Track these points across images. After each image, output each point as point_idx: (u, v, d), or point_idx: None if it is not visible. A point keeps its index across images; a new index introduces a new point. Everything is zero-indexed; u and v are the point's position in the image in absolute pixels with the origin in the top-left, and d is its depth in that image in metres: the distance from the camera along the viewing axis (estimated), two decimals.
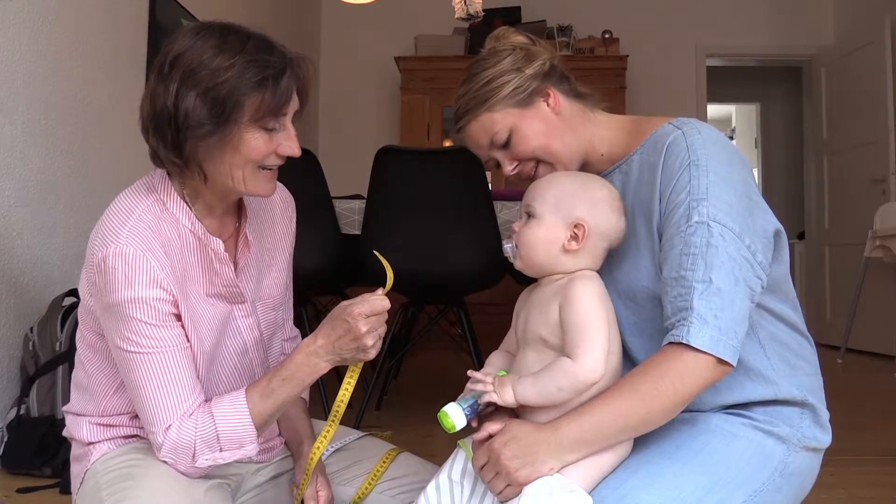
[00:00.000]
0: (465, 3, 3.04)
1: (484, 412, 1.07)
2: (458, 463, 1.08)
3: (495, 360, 1.18)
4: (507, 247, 1.10)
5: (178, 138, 1.04)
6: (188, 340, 1.11)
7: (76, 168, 2.50)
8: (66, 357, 2.01)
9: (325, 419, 1.17)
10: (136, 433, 1.16)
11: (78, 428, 1.18)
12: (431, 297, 2.88)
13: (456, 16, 3.15)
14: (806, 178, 5.88)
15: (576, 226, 1.05)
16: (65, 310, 2.10)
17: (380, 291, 1.09)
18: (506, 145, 1.17)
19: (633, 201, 1.13)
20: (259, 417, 1.08)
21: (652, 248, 1.09)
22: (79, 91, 2.54)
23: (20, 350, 2.14)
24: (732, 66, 6.14)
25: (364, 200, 2.56)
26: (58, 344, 2.04)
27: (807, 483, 1.13)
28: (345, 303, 1.08)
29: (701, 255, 0.99)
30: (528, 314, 1.08)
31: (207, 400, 1.11)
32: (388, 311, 1.08)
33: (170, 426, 1.06)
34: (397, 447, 1.32)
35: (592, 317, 1.00)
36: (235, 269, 1.20)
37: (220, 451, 1.07)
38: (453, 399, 1.05)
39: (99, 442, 1.16)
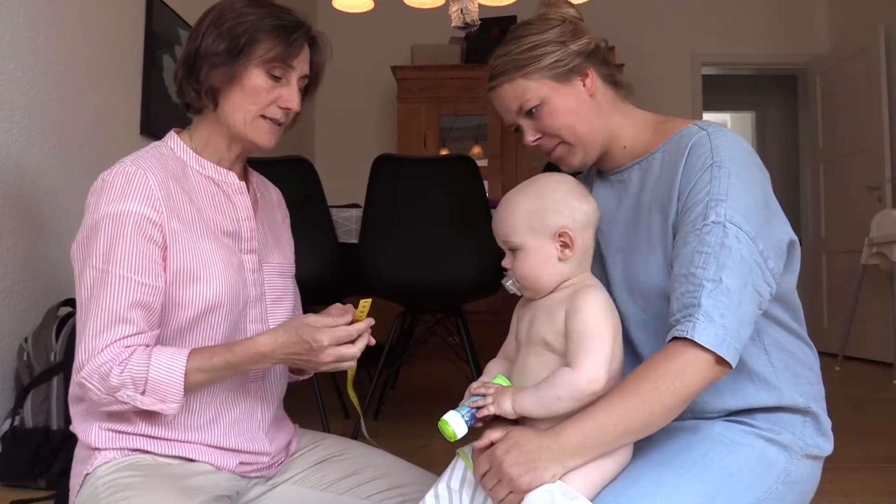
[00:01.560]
0: (461, 11, 3.04)
1: (485, 419, 1.06)
2: (458, 472, 1.07)
3: (494, 367, 1.17)
4: (509, 283, 1.10)
5: (196, 65, 1.16)
6: (163, 283, 1.11)
7: (73, 176, 2.49)
8: (62, 367, 1.99)
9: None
10: (142, 446, 1.15)
11: (87, 430, 1.17)
12: (429, 306, 2.87)
13: (453, 24, 3.14)
14: (802, 185, 5.90)
15: (560, 235, 1.05)
16: (60, 319, 2.08)
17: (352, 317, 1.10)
18: (533, 115, 1.16)
19: (650, 198, 1.12)
20: (189, 384, 1.08)
21: (665, 245, 1.08)
22: (76, 99, 2.53)
23: (14, 360, 2.12)
24: (728, 74, 6.16)
25: (361, 209, 2.55)
26: (53, 354, 2.02)
27: (809, 491, 1.12)
28: (313, 320, 1.09)
29: (714, 255, 0.98)
30: (534, 318, 1.08)
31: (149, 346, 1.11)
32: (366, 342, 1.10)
33: (105, 348, 1.06)
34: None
35: (598, 327, 0.99)
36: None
37: (143, 393, 1.07)
38: (451, 408, 1.04)
39: (105, 449, 1.15)
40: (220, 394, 1.19)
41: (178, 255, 1.12)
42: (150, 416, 1.13)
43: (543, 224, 1.05)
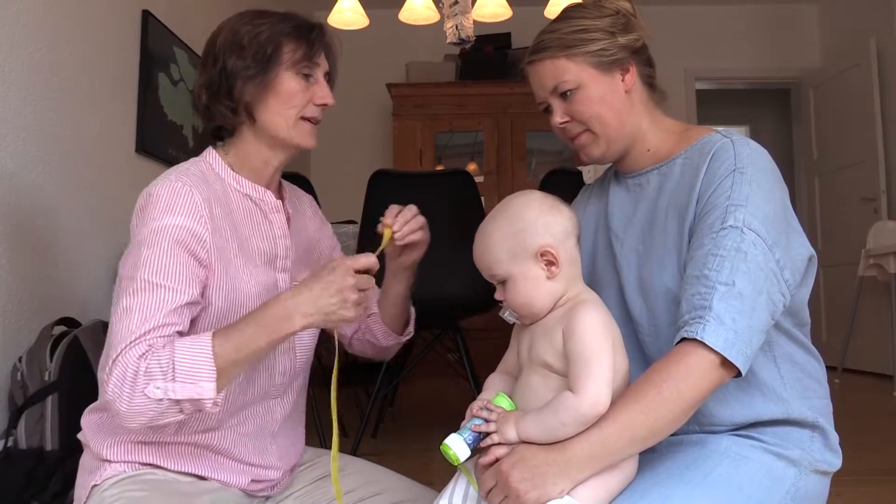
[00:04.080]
0: (456, 28, 3.05)
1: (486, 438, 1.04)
2: (460, 488, 1.05)
3: (494, 382, 1.15)
4: (507, 314, 1.08)
5: (227, 84, 1.16)
6: (198, 294, 1.09)
7: (68, 194, 2.48)
8: (56, 387, 1.97)
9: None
10: (153, 460, 1.13)
11: (99, 441, 1.14)
12: (427, 323, 2.85)
13: (448, 41, 3.15)
14: (797, 199, 5.90)
15: (542, 254, 1.03)
16: (54, 338, 2.06)
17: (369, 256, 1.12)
18: (566, 97, 1.15)
19: (668, 201, 1.11)
20: (221, 357, 1.01)
21: (680, 248, 1.07)
22: (71, 118, 2.52)
23: (8, 380, 2.09)
24: (722, 88, 6.19)
25: (358, 225, 2.54)
26: (47, 374, 2.00)
27: None
28: (332, 260, 1.11)
29: (728, 258, 0.97)
30: (533, 339, 1.06)
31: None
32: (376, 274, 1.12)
33: (127, 348, 1.00)
34: None
35: (596, 347, 0.97)
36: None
37: (174, 380, 0.99)
38: (451, 426, 1.03)
39: (116, 462, 1.13)
40: (237, 408, 1.17)
41: (217, 272, 1.11)
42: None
43: (523, 248, 1.03)
